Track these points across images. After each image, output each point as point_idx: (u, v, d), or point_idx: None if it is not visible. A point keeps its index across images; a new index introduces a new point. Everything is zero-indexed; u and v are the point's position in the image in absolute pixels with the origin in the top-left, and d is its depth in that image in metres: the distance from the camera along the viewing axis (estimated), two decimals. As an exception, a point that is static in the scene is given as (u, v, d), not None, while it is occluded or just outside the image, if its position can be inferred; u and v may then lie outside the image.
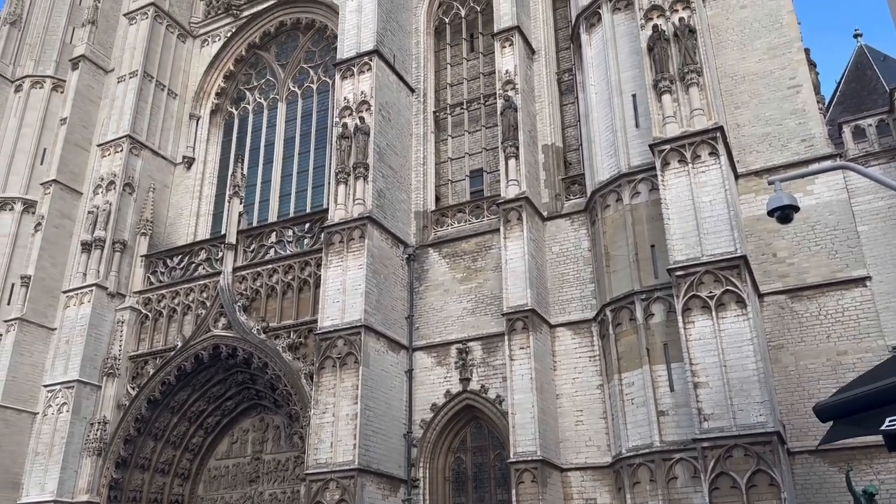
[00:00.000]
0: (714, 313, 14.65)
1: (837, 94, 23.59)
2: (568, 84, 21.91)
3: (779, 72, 18.15)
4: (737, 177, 17.37)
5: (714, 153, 15.78)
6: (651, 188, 16.77)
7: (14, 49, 31.13)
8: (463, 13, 24.67)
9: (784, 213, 9.19)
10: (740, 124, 18.17)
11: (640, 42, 17.50)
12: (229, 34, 29.09)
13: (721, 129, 15.97)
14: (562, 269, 19.26)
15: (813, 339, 16.03)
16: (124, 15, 29.75)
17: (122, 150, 26.23)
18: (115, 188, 25.73)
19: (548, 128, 21.25)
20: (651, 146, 16.38)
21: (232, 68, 29.19)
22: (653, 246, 16.40)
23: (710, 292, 14.82)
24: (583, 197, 19.63)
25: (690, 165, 15.80)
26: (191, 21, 30.02)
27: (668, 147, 16.13)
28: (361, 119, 21.29)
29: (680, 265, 15.17)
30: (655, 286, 16.05)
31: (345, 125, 21.46)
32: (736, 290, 14.68)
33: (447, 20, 24.93)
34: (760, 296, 16.47)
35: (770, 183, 9.65)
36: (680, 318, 14.87)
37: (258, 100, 28.65)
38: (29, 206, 27.96)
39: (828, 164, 16.16)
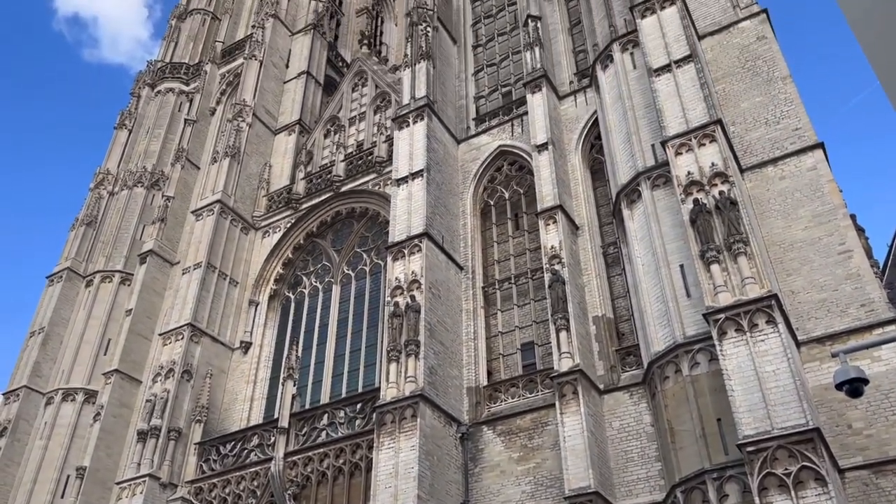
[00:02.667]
0: (793, 493, 13.58)
1: (891, 256, 23.35)
2: (613, 256, 22.25)
3: (827, 238, 18.17)
4: (798, 344, 16.85)
5: (771, 321, 15.45)
6: (710, 358, 16.34)
7: (88, 247, 33.61)
8: (507, 195, 25.85)
9: (853, 387, 8.80)
10: (794, 291, 17.94)
11: (682, 215, 17.88)
12: (289, 225, 30.90)
13: (775, 296, 15.76)
14: (624, 446, 18.40)
15: (908, 519, 14.59)
16: (192, 212, 32.08)
17: (182, 338, 27.10)
18: (173, 376, 26.27)
19: (597, 299, 21.32)
20: (705, 315, 16.16)
21: (290, 256, 30.63)
22: (719, 419, 15.66)
23: (786, 469, 13.85)
24: (639, 368, 19.18)
25: (748, 334, 15.44)
26: (253, 215, 32.10)
27: (722, 316, 15.88)
28: (412, 297, 21.75)
29: (750, 440, 14.34)
30: (726, 463, 15.12)
31: (396, 304, 21.91)
32: (813, 466, 13.70)
33: (492, 202, 26.11)
34: (841, 471, 15.30)
35: (834, 355, 9.34)
36: (757, 500, 13.80)
37: (314, 283, 29.72)
38: (90, 396, 28.66)
39: (892, 330, 15.61)
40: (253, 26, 38.93)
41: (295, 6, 39.60)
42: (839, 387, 8.99)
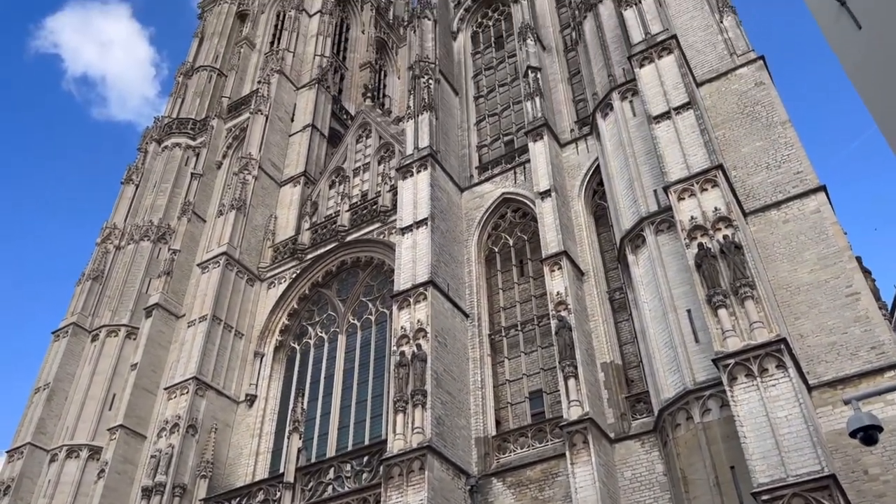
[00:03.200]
0: (812, 543, 13.25)
1: (900, 298, 23.25)
2: (620, 302, 22.16)
3: (833, 281, 18.11)
4: (809, 389, 16.64)
5: (782, 366, 15.30)
6: (721, 404, 16.15)
7: (94, 302, 33.63)
8: (511, 242, 25.93)
9: (867, 434, 8.66)
10: (803, 335, 17.80)
11: (687, 260, 17.87)
12: (294, 275, 30.94)
13: (784, 340, 15.63)
14: (637, 496, 18.02)
15: (933, 568, 14.18)
16: (198, 265, 32.17)
17: (187, 392, 26.86)
18: (178, 430, 25.95)
19: (604, 346, 21.17)
20: (714, 361, 16.02)
21: (296, 306, 30.59)
22: (732, 467, 15.39)
23: (804, 518, 13.53)
24: (650, 416, 18.92)
25: (759, 380, 15.26)
26: (259, 266, 32.15)
27: (732, 361, 15.73)
28: (418, 346, 21.63)
29: (765, 488, 14.07)
30: (742, 513, 14.78)
31: (402, 353, 21.78)
32: (832, 514, 13.39)
33: (496, 249, 26.18)
34: (861, 519, 14.94)
35: (846, 402, 9.23)
36: (775, 550, 13.46)
37: (319, 334, 29.61)
38: (94, 452, 28.33)
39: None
40: (259, 82, 39.69)
41: (299, 62, 40.46)
42: (853, 434, 8.86)
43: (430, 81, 29.53)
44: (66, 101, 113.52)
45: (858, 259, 18.20)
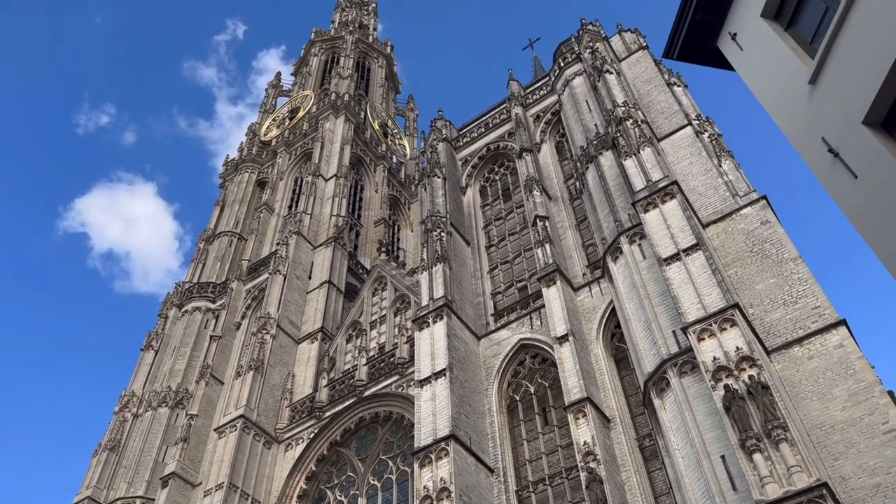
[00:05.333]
0: None
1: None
2: (651, 449, 21.35)
3: (868, 417, 17.44)
4: (862, 537, 15.60)
5: (828, 514, 14.44)
6: (769, 559, 15.04)
7: (110, 473, 32.77)
8: (532, 389, 25.47)
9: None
10: (845, 477, 16.89)
11: (715, 402, 17.39)
12: (312, 435, 30.21)
13: (826, 485, 14.84)
14: None
15: None
16: (215, 429, 31.54)
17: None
18: None
19: (639, 498, 20.13)
20: (756, 511, 15.15)
21: (314, 468, 29.61)
22: None
23: None
24: (694, 576, 17.58)
25: (806, 530, 14.34)
26: (276, 427, 31.48)
27: (774, 511, 14.88)
28: (442, 510, 20.67)
29: None
30: None
31: (426, 517, 20.79)
32: None
33: (518, 397, 25.66)
34: None
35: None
36: None
37: (339, 498, 28.41)
38: None
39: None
40: (277, 244, 40.89)
41: (317, 223, 41.94)
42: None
43: (442, 234, 30.39)
44: (90, 278, 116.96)
45: (890, 393, 17.63)
